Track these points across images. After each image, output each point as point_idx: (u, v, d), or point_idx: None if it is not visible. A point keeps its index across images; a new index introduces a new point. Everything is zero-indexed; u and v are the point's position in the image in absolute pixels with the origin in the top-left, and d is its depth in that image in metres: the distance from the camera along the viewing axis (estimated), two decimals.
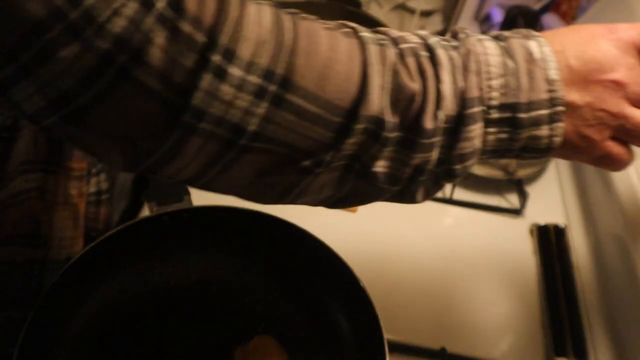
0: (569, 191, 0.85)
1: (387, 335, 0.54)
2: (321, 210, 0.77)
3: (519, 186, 0.83)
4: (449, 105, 0.36)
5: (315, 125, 0.33)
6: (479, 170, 0.80)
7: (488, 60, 0.38)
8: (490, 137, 0.38)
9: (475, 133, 0.37)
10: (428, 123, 0.35)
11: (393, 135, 0.36)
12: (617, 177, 0.70)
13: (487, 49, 0.38)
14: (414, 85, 0.35)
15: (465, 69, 0.37)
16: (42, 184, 0.55)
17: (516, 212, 0.81)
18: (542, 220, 0.80)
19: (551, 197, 0.85)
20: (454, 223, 0.79)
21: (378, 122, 0.35)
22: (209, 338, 0.58)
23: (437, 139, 0.36)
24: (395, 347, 0.64)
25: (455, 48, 0.38)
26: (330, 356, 0.58)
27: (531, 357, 0.66)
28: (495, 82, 0.37)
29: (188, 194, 0.63)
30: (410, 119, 0.36)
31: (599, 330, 0.68)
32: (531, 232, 0.79)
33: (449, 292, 0.71)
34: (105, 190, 0.65)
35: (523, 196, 0.81)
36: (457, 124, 0.36)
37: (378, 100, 0.34)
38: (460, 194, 0.82)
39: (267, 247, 0.63)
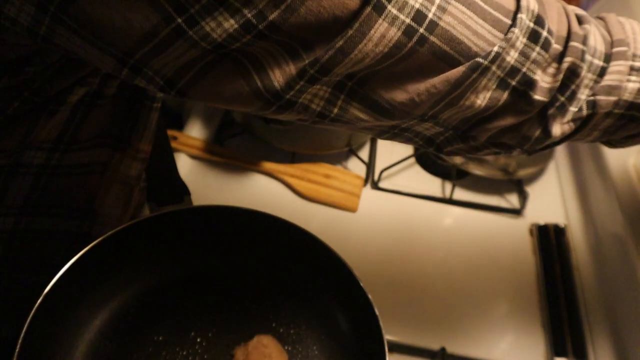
0: (569, 191, 0.85)
1: (387, 335, 0.54)
2: (321, 210, 0.77)
3: (519, 186, 0.83)
4: (599, 41, 0.41)
5: (485, 21, 0.36)
6: (479, 170, 0.80)
7: (632, 22, 0.43)
8: (631, 85, 0.42)
9: (621, 69, 0.41)
10: (576, 28, 0.39)
11: (551, 38, 0.38)
12: (617, 177, 0.70)
13: (628, 19, 0.44)
14: (557, 3, 0.40)
15: (606, 23, 0.43)
16: (108, 159, 0.55)
17: (516, 212, 0.81)
18: (542, 220, 0.80)
19: (551, 197, 0.85)
20: (454, 223, 0.79)
21: (538, 20, 0.37)
22: (209, 338, 0.58)
23: (586, 49, 0.39)
24: (395, 347, 0.64)
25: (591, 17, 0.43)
26: (330, 356, 0.58)
27: (531, 357, 0.66)
28: None
29: (188, 194, 0.63)
30: (560, 24, 0.39)
31: (599, 330, 0.68)
32: (531, 232, 0.79)
33: (449, 292, 0.71)
34: (144, 178, 0.65)
35: (523, 196, 0.82)
36: (606, 60, 0.41)
37: (533, 1, 0.38)
38: (460, 194, 0.82)
39: (267, 247, 0.63)
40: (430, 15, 0.34)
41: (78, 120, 0.51)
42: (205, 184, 0.77)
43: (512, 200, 0.83)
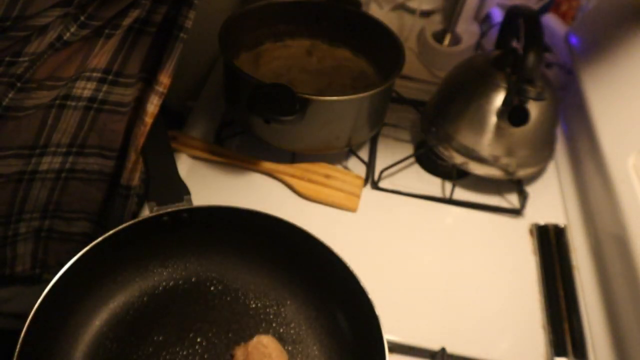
0: (569, 191, 0.85)
1: (387, 335, 0.54)
2: (321, 210, 0.77)
3: (519, 186, 0.83)
4: None
5: None
6: (479, 170, 0.80)
7: None
8: None
9: None
10: None
11: None
12: (617, 177, 0.70)
13: None
14: None
15: None
16: (141, 94, 0.55)
17: (516, 212, 0.81)
18: (542, 220, 0.80)
19: (551, 197, 0.85)
20: (454, 223, 0.79)
21: None
22: (209, 338, 0.58)
23: None
24: (395, 347, 0.64)
25: None
26: (330, 356, 0.58)
27: (531, 357, 0.66)
28: None
29: (188, 193, 0.63)
30: None
31: (599, 330, 0.68)
32: (531, 232, 0.79)
33: (449, 292, 0.71)
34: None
35: (523, 196, 0.82)
36: None
37: None
38: (460, 194, 0.82)
39: (267, 247, 0.63)
40: None
41: (127, 48, 0.52)
42: (205, 184, 0.77)
43: (512, 200, 0.83)
